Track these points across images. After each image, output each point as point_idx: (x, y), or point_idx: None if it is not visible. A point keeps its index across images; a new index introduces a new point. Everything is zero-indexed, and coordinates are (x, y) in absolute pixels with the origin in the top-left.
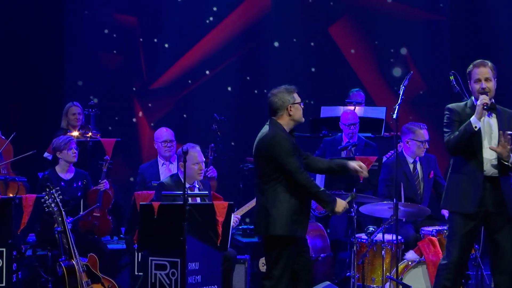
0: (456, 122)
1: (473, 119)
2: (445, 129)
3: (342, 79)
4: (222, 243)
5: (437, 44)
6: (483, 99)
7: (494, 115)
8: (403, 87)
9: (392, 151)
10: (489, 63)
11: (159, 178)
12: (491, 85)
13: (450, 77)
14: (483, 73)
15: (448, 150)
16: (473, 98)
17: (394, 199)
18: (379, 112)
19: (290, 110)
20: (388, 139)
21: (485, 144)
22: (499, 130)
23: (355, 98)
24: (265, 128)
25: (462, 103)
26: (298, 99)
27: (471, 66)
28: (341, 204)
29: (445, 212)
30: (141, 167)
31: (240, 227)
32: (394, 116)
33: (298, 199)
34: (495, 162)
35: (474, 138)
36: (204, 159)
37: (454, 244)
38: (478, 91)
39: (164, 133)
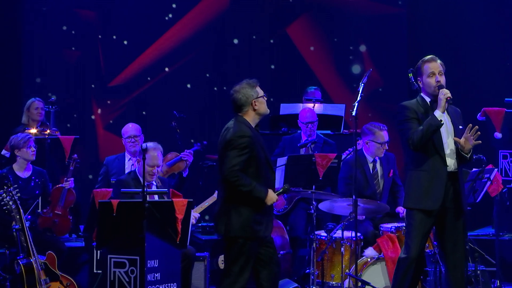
0: (414, 119)
1: (437, 113)
2: (401, 127)
3: (301, 76)
4: (181, 240)
5: (396, 38)
6: (446, 93)
7: (446, 111)
8: (362, 84)
9: (351, 149)
10: (439, 60)
11: (124, 172)
12: (444, 79)
13: (409, 74)
14: (436, 67)
15: (411, 146)
16: (422, 94)
17: (354, 196)
18: (338, 109)
19: (255, 105)
20: (348, 136)
21: (445, 139)
22: (454, 125)
23: (312, 96)
24: (230, 125)
25: (414, 100)
26: (261, 92)
27: (420, 62)
28: (271, 197)
29: (399, 210)
30: (107, 159)
31: (200, 224)
32: (354, 113)
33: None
34: (455, 157)
35: (435, 133)
36: (161, 163)
37: (415, 241)
38: (435, 85)
39: (130, 128)
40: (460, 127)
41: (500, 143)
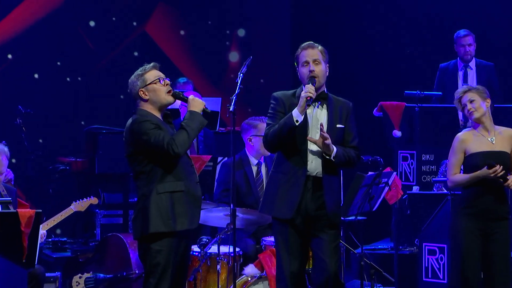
0: (280, 114)
1: (294, 111)
2: (268, 121)
3: (169, 64)
4: (28, 258)
5: (279, 21)
6: (308, 90)
7: (324, 105)
8: (241, 74)
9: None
10: (320, 46)
11: None
12: (320, 69)
13: (295, 63)
14: (312, 54)
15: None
16: (302, 86)
17: (232, 205)
18: (213, 104)
19: (144, 94)
20: (225, 135)
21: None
22: (328, 123)
23: (182, 89)
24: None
25: (290, 92)
26: (150, 79)
27: (299, 49)
28: (196, 102)
29: None
30: None
31: (50, 239)
32: (231, 109)
33: (178, 187)
34: (320, 160)
35: (299, 132)
36: (7, 163)
37: (283, 255)
38: (307, 75)
39: None
40: (340, 125)
41: (400, 142)
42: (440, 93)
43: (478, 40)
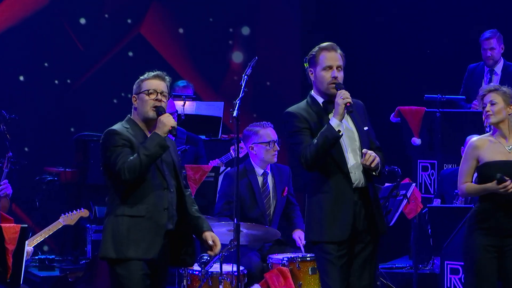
0: (305, 130)
1: (334, 121)
2: (291, 141)
3: (167, 65)
4: (13, 277)
5: (287, 18)
6: (345, 96)
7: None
8: (245, 77)
9: (228, 154)
10: (339, 50)
11: None
12: (341, 76)
13: (305, 64)
14: (336, 59)
15: (304, 165)
16: (312, 93)
17: (235, 219)
18: (215, 108)
19: (135, 101)
20: (227, 143)
21: (347, 150)
22: (357, 128)
23: (181, 93)
24: None
25: (302, 104)
26: (144, 88)
27: (317, 49)
28: (164, 121)
29: (296, 236)
30: None
31: (37, 257)
32: (235, 114)
33: (137, 212)
34: (361, 170)
35: (334, 147)
36: None
37: (334, 278)
38: (329, 81)
39: None
40: (365, 128)
41: (419, 151)
42: (464, 97)
43: (507, 40)
